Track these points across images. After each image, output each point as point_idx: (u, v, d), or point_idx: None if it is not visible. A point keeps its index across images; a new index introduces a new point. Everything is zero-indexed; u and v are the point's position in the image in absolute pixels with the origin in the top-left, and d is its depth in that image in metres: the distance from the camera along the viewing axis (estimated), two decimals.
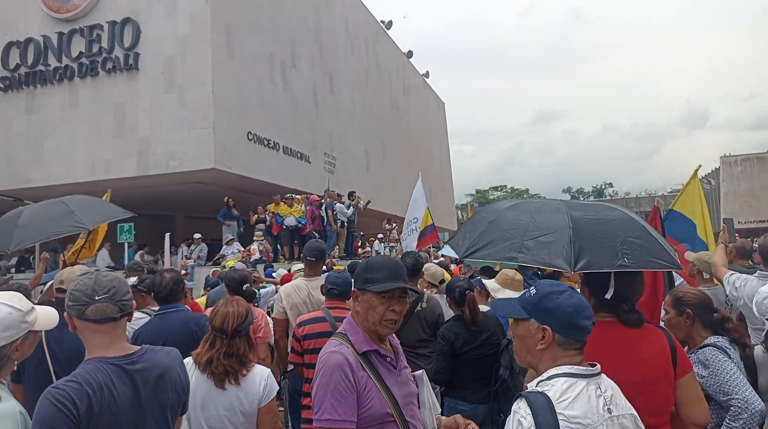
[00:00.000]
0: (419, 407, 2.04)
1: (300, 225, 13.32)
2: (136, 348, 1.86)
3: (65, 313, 1.77)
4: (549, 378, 1.57)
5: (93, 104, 14.86)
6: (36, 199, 14.20)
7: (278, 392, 2.59)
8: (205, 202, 16.41)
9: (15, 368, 1.80)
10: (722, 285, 3.78)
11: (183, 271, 10.78)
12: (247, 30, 15.63)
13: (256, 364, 2.55)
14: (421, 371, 2.12)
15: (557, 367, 1.58)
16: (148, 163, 14.25)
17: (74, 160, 14.85)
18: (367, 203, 15.53)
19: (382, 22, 29.07)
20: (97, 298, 1.75)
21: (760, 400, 2.33)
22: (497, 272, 4.92)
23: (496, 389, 3.48)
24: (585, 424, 1.47)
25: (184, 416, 2.08)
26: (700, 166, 5.09)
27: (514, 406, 1.53)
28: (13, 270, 14.77)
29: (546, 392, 1.50)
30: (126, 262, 10.40)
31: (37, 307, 1.83)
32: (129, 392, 1.75)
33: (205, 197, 16.22)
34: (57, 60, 15.24)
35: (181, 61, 14.19)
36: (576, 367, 1.59)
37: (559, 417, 1.44)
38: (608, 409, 1.54)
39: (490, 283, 4.31)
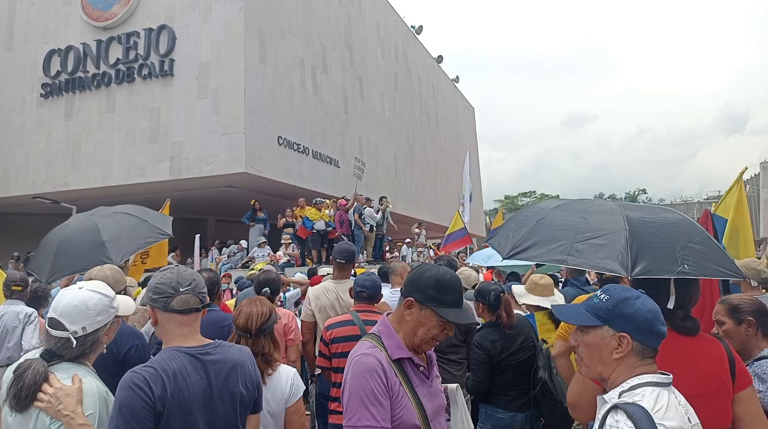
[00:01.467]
0: (448, 420, 1.94)
1: (329, 229, 13.34)
2: (210, 341, 1.92)
3: (148, 307, 1.85)
4: (631, 388, 1.47)
5: (129, 109, 15.21)
6: (73, 202, 14.61)
7: (305, 395, 2.54)
8: (235, 205, 16.60)
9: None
10: None
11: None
12: (279, 35, 15.79)
13: (282, 364, 2.51)
14: (455, 386, 2.00)
15: (639, 377, 1.49)
16: (181, 167, 14.50)
17: (110, 164, 15.21)
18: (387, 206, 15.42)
19: (413, 27, 29.07)
20: (181, 289, 1.84)
21: None
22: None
23: (535, 395, 3.34)
24: None
25: (259, 414, 2.08)
26: (746, 167, 4.82)
27: (610, 420, 1.42)
28: None
29: (639, 403, 1.41)
30: None
31: (118, 296, 1.97)
32: (202, 381, 1.79)
33: (235, 201, 16.42)
34: (95, 67, 15.66)
35: (215, 67, 14.41)
36: (657, 375, 1.50)
37: (660, 428, 1.36)
38: (688, 418, 1.47)
39: (516, 288, 4.18)
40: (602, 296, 1.58)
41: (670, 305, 1.85)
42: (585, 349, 1.60)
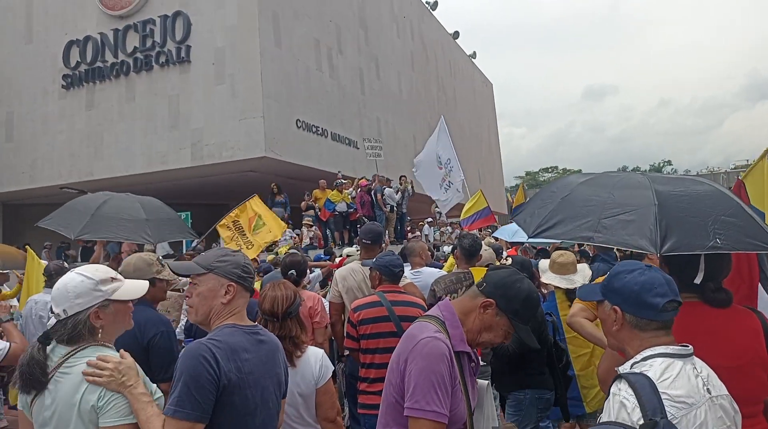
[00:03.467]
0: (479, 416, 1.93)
1: (350, 210, 13.37)
2: (255, 323, 1.99)
3: (228, 283, 1.85)
4: (644, 359, 1.49)
5: (148, 98, 15.34)
6: (99, 191, 14.85)
7: (333, 375, 2.57)
8: (256, 189, 16.54)
9: (113, 337, 1.88)
10: None
11: None
12: (293, 17, 15.69)
13: (311, 346, 2.54)
14: (486, 382, 2.00)
15: (651, 348, 1.50)
16: (202, 154, 14.63)
17: (132, 153, 15.41)
18: (413, 191, 15.47)
19: (428, 3, 28.60)
20: (254, 273, 1.98)
21: None
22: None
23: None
24: (690, 404, 1.39)
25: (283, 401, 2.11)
26: None
27: (613, 388, 1.44)
28: (78, 258, 15.53)
29: (645, 372, 1.42)
30: (184, 250, 10.70)
31: (126, 280, 1.91)
32: (257, 359, 1.84)
33: (256, 185, 16.44)
34: (113, 56, 15.79)
35: (231, 52, 14.42)
36: (671, 347, 1.50)
37: (663, 396, 1.36)
38: (707, 389, 1.45)
39: (542, 264, 4.15)
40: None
41: (698, 280, 1.83)
42: (601, 322, 1.68)
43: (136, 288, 1.93)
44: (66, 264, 5.56)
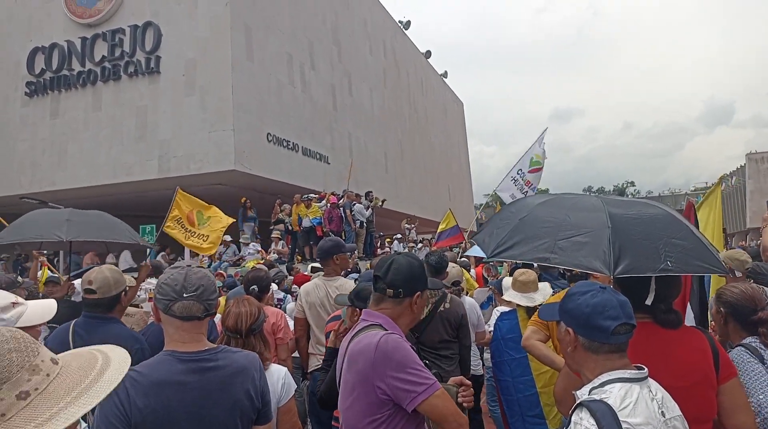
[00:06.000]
0: None
1: (313, 226, 13.31)
2: (214, 346, 1.84)
3: (152, 304, 1.74)
4: (602, 384, 1.50)
5: (115, 108, 15.06)
6: (60, 202, 14.47)
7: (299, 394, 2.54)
8: (225, 203, 16.42)
9: None
10: None
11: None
12: (265, 31, 15.68)
13: (273, 364, 2.51)
14: (455, 389, 2.10)
15: (608, 373, 1.51)
16: (169, 166, 14.39)
17: (97, 163, 15.05)
18: (383, 202, 15.55)
19: (401, 22, 29.00)
20: (185, 295, 1.73)
21: None
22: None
23: None
24: None
25: (269, 425, 1.98)
26: (724, 175, 4.96)
27: (575, 417, 1.45)
28: None
29: (605, 400, 1.43)
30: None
31: (30, 302, 1.71)
32: (193, 390, 1.71)
33: (225, 199, 16.28)
34: (80, 64, 15.47)
35: (202, 64, 14.30)
36: (627, 371, 1.52)
37: (624, 426, 1.38)
38: (662, 412, 1.48)
39: (506, 282, 4.19)
40: None
41: (649, 301, 1.87)
42: (559, 342, 1.70)
43: (45, 310, 1.75)
44: (20, 278, 5.38)
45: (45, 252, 6.28)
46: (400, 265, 1.94)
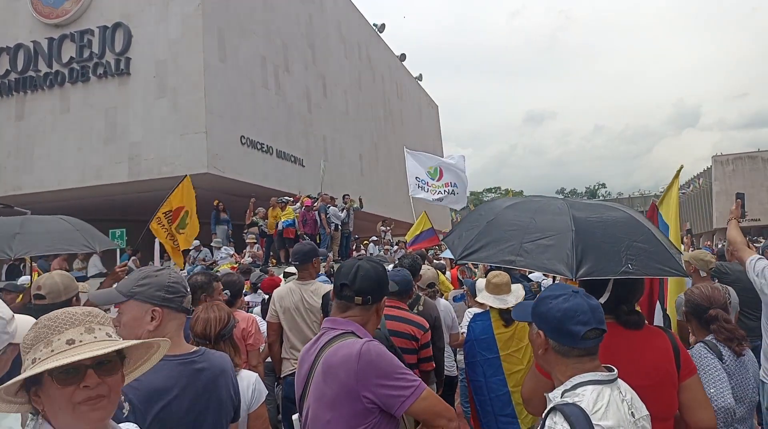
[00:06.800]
0: None
1: (282, 228, 13.21)
2: (196, 347, 1.87)
3: (152, 309, 1.71)
4: (574, 387, 1.52)
5: (84, 110, 14.74)
6: (26, 206, 14.10)
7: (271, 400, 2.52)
8: (198, 207, 16.26)
9: None
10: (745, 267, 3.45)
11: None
12: (239, 34, 15.55)
13: (244, 370, 2.48)
14: None
15: (580, 375, 1.53)
16: (140, 169, 14.14)
17: (65, 166, 14.71)
18: (360, 204, 15.56)
19: (375, 25, 29.06)
20: (188, 290, 1.83)
21: (727, 398, 2.30)
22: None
23: None
24: None
25: (237, 424, 2.03)
26: (682, 166, 4.96)
27: (549, 422, 1.46)
28: (3, 277, 14.57)
29: (579, 403, 1.45)
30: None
31: (16, 315, 1.66)
32: (190, 393, 1.73)
33: (198, 202, 16.07)
34: (47, 66, 15.12)
35: (173, 66, 14.10)
36: (598, 373, 1.54)
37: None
38: (632, 413, 1.51)
39: (479, 283, 4.23)
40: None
41: (602, 300, 1.90)
42: (530, 344, 1.71)
43: (26, 326, 1.73)
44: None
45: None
46: (367, 271, 1.91)
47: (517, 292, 4.01)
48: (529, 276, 6.07)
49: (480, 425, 3.81)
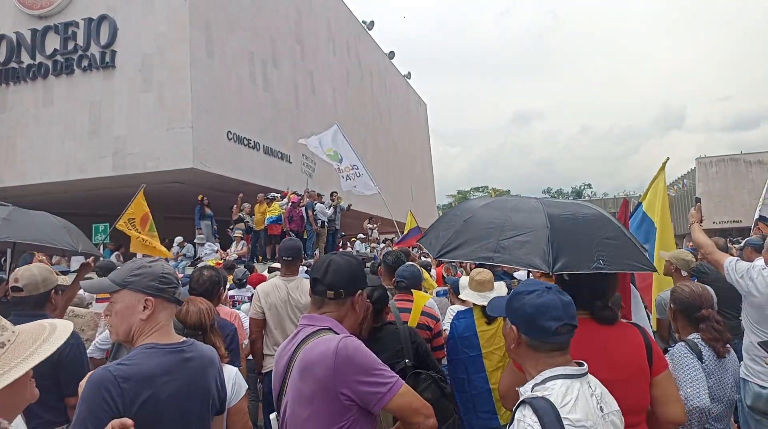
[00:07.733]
0: None
1: (271, 223, 13.19)
2: (184, 338, 1.88)
3: (145, 298, 1.75)
4: (544, 381, 1.55)
5: (68, 103, 14.55)
6: (8, 200, 13.87)
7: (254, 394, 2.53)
8: (183, 202, 16.19)
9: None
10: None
11: None
12: (226, 28, 15.45)
13: (225, 364, 2.50)
14: None
15: (550, 370, 1.57)
16: (124, 163, 14.00)
17: (48, 160, 14.52)
18: (349, 206, 15.51)
19: (364, 22, 29.01)
20: (179, 282, 1.86)
21: (702, 398, 2.34)
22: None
23: None
24: (588, 427, 1.47)
25: (222, 416, 2.05)
26: (668, 158, 4.89)
27: (518, 414, 1.49)
28: None
29: (548, 397, 1.48)
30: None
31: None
32: (180, 381, 1.75)
33: (183, 197, 16.00)
34: (31, 57, 14.89)
35: (159, 60, 13.97)
36: (568, 367, 1.58)
37: (565, 422, 1.43)
38: (600, 407, 1.55)
39: (463, 280, 4.27)
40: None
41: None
42: (504, 337, 1.76)
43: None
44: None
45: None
46: (339, 265, 1.91)
47: (500, 289, 4.04)
48: (514, 274, 6.14)
49: (461, 421, 3.85)
